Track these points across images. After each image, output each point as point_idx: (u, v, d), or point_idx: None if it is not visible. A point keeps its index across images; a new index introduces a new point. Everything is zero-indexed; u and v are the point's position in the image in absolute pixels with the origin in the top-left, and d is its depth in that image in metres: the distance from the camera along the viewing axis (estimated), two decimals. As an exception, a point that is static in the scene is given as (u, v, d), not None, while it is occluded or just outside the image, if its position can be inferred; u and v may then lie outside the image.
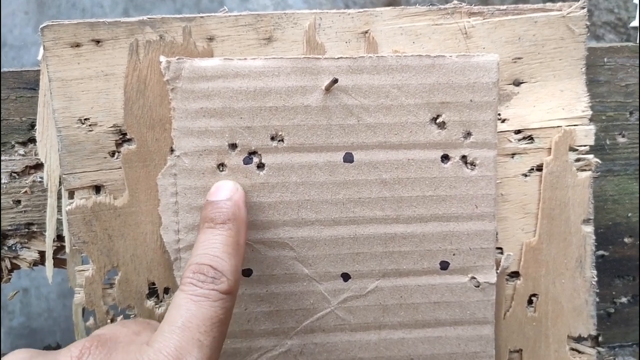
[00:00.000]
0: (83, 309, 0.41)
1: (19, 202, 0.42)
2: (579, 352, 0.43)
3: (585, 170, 0.41)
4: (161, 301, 0.41)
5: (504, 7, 0.40)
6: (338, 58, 0.38)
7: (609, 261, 0.47)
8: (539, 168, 0.41)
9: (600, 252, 0.46)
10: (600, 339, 0.44)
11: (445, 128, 0.39)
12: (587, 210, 0.42)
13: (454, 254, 0.40)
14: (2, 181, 0.42)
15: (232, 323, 0.39)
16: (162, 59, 0.38)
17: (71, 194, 0.39)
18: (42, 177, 0.42)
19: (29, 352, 0.32)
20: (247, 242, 0.39)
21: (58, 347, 0.49)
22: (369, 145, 0.39)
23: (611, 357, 0.47)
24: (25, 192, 0.42)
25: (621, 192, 0.46)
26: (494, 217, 0.40)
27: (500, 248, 0.42)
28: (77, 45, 0.38)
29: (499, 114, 0.41)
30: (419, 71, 0.39)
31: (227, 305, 0.32)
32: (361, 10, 0.40)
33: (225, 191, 0.37)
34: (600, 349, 0.43)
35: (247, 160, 0.39)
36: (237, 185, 0.38)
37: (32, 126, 0.42)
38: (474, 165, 0.40)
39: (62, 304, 0.87)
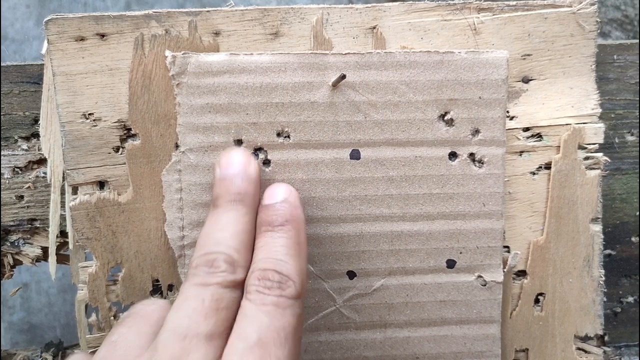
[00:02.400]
0: (86, 306, 0.40)
1: (21, 197, 0.42)
2: (586, 351, 0.43)
3: (594, 168, 0.41)
4: (165, 298, 0.40)
5: (514, 3, 0.40)
6: (345, 54, 0.38)
7: (616, 260, 0.47)
8: (548, 166, 0.41)
9: (608, 251, 0.46)
10: (606, 338, 0.43)
11: (453, 125, 0.39)
12: (596, 209, 0.41)
13: (460, 253, 0.40)
14: (5, 176, 0.42)
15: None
16: (168, 53, 0.37)
17: (75, 190, 0.39)
18: (45, 173, 0.41)
19: None
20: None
21: (60, 343, 0.48)
22: (376, 142, 0.39)
23: (617, 357, 0.47)
24: (28, 187, 0.42)
25: (629, 191, 0.46)
26: (501, 215, 0.40)
27: (508, 247, 0.41)
28: (82, 39, 0.38)
29: (508, 111, 0.40)
30: (427, 67, 0.38)
31: (297, 312, 0.30)
32: (369, 5, 0.39)
33: (280, 193, 0.35)
34: (606, 348, 0.43)
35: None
36: (290, 187, 0.36)
37: (36, 121, 0.42)
38: (482, 163, 0.39)
39: (63, 299, 0.87)
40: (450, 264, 0.40)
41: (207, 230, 0.33)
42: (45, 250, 0.42)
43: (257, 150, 0.38)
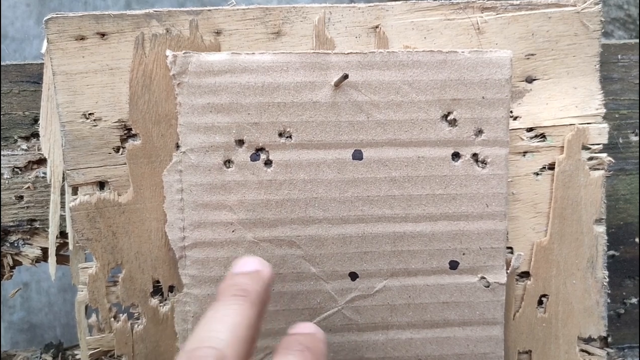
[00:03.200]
0: (86, 307, 0.40)
1: (21, 197, 0.42)
2: (589, 353, 0.42)
3: (598, 169, 0.41)
4: (165, 299, 0.40)
5: (518, 2, 0.39)
6: (348, 53, 0.37)
7: (620, 261, 0.46)
8: (551, 167, 0.41)
9: (611, 252, 0.46)
10: (609, 339, 0.43)
11: (456, 125, 0.38)
12: (600, 210, 0.41)
13: (463, 254, 0.40)
14: (5, 176, 0.42)
15: (238, 322, 0.39)
16: (169, 53, 0.37)
17: (75, 190, 0.39)
18: (45, 173, 0.41)
19: None
20: (254, 241, 0.38)
21: (60, 344, 0.48)
22: (379, 143, 0.38)
23: (620, 358, 0.47)
24: (28, 187, 0.42)
25: (633, 192, 0.45)
26: (504, 216, 0.39)
27: (511, 248, 0.41)
28: (82, 38, 0.37)
29: (511, 112, 0.40)
30: (430, 67, 0.38)
31: None
32: (372, 4, 0.39)
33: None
34: (609, 350, 0.43)
35: (255, 157, 0.38)
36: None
37: (35, 120, 0.42)
38: (485, 164, 0.39)
39: (63, 299, 0.86)
40: (453, 265, 0.40)
41: (202, 323, 0.29)
42: (45, 251, 0.42)
43: (258, 150, 0.38)
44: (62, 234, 0.41)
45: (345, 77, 0.36)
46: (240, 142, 0.38)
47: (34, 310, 0.86)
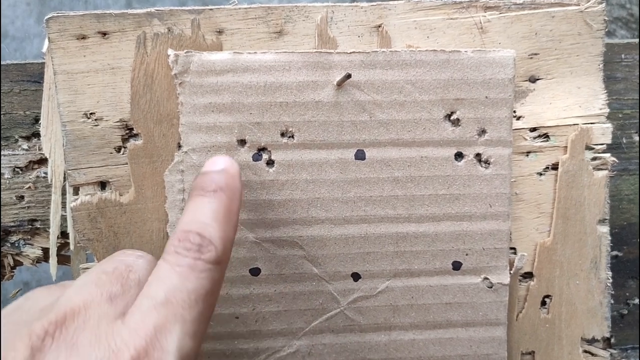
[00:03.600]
0: (87, 308, 0.40)
1: (22, 197, 0.41)
2: (592, 354, 0.42)
3: (601, 169, 0.41)
4: (167, 300, 0.40)
5: (521, 1, 0.39)
6: (350, 52, 0.37)
7: (623, 262, 0.46)
8: (555, 167, 0.41)
9: (614, 253, 0.46)
10: (612, 340, 0.43)
11: (459, 125, 0.38)
12: (603, 210, 0.41)
13: (466, 254, 0.39)
14: (5, 176, 0.41)
15: (240, 323, 0.39)
16: (170, 52, 0.37)
17: (76, 190, 0.39)
18: (46, 173, 0.41)
19: None
20: (256, 241, 0.38)
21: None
22: (382, 143, 0.38)
23: (623, 359, 0.47)
24: (29, 187, 0.41)
25: (637, 192, 0.45)
26: (508, 216, 0.39)
27: (514, 248, 0.41)
28: (83, 37, 0.37)
29: (515, 111, 0.40)
30: (433, 66, 0.38)
31: (215, 277, 0.29)
32: (374, 3, 0.39)
33: (220, 163, 0.33)
34: (612, 350, 0.42)
35: (257, 157, 0.38)
36: (232, 159, 0.34)
37: (36, 120, 0.41)
38: (489, 164, 0.39)
39: (63, 299, 0.86)
40: (456, 265, 0.39)
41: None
42: (45, 251, 0.42)
43: (260, 150, 0.38)
44: (63, 234, 0.41)
45: (348, 76, 0.36)
46: (242, 142, 0.38)
47: (34, 310, 0.86)
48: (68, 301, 0.28)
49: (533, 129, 0.40)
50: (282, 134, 0.38)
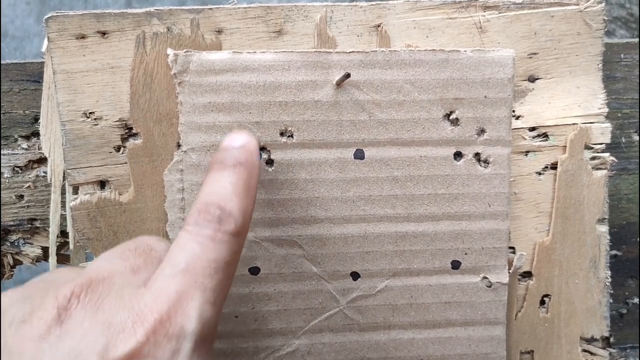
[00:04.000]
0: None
1: (21, 197, 0.41)
2: (591, 353, 0.42)
3: (600, 168, 0.41)
4: (167, 299, 0.40)
5: (520, 0, 0.39)
6: (350, 52, 0.37)
7: (622, 261, 0.46)
8: (554, 166, 0.41)
9: (613, 252, 0.46)
10: (611, 339, 0.43)
11: (458, 125, 0.38)
12: (602, 209, 0.41)
13: (465, 254, 0.39)
14: (5, 175, 0.41)
15: (239, 322, 0.39)
16: (170, 51, 0.37)
17: (75, 190, 0.39)
18: (45, 172, 0.41)
19: (13, 293, 0.28)
20: (255, 240, 0.38)
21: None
22: (381, 142, 0.38)
23: (622, 359, 0.47)
24: (29, 187, 0.41)
25: (636, 191, 0.45)
26: (507, 216, 0.39)
27: (513, 247, 0.41)
28: (83, 36, 0.37)
29: (514, 111, 0.40)
30: (432, 66, 0.38)
31: (234, 248, 0.30)
32: (373, 3, 0.39)
33: (239, 139, 0.34)
34: (611, 350, 0.42)
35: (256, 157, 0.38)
36: (251, 136, 0.34)
37: (36, 119, 0.41)
38: (488, 163, 0.39)
39: (63, 298, 0.86)
40: (455, 265, 0.39)
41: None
42: (45, 250, 0.42)
43: (260, 149, 0.38)
44: (63, 234, 0.41)
45: (347, 76, 0.36)
46: (242, 142, 0.38)
47: (34, 309, 0.86)
48: (94, 270, 0.29)
49: (532, 129, 0.40)
50: (282, 134, 0.38)
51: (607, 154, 0.40)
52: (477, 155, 0.39)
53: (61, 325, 0.26)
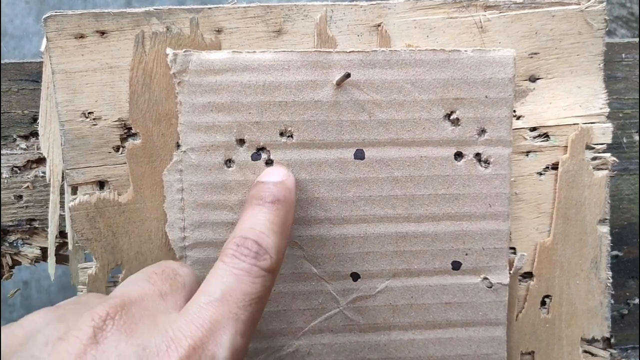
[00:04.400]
0: (86, 307, 0.40)
1: (20, 197, 0.41)
2: (592, 354, 0.42)
3: (601, 169, 0.40)
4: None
5: (521, 0, 0.39)
6: (350, 52, 0.37)
7: (623, 262, 0.46)
8: (555, 166, 0.40)
9: (614, 253, 0.45)
10: (612, 340, 0.43)
11: (459, 125, 0.38)
12: (604, 210, 0.41)
13: (466, 254, 0.39)
14: (3, 176, 0.41)
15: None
16: (169, 51, 0.37)
17: (74, 190, 0.38)
18: (44, 172, 0.41)
19: (45, 314, 0.29)
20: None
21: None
22: (381, 142, 0.38)
23: (623, 359, 0.47)
24: (27, 187, 0.41)
25: (637, 192, 0.45)
26: (507, 216, 0.39)
27: (514, 248, 0.41)
28: (81, 36, 0.37)
29: (514, 111, 0.40)
30: (433, 66, 0.37)
31: (267, 284, 0.31)
32: (374, 2, 0.39)
33: (278, 174, 0.35)
34: (612, 351, 0.42)
35: (256, 157, 0.38)
36: (289, 171, 0.36)
37: (35, 119, 0.41)
38: (488, 163, 0.39)
39: (63, 297, 0.86)
40: (456, 265, 0.39)
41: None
42: (44, 250, 0.42)
43: (259, 149, 0.38)
44: (62, 234, 0.41)
45: (347, 76, 0.36)
46: (241, 142, 0.37)
47: (34, 308, 0.86)
48: (125, 292, 0.30)
49: (533, 129, 0.40)
50: (281, 134, 0.37)
51: (608, 154, 0.40)
52: (477, 155, 0.39)
53: (97, 346, 0.26)
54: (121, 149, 0.38)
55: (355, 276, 0.39)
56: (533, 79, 0.40)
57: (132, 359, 0.26)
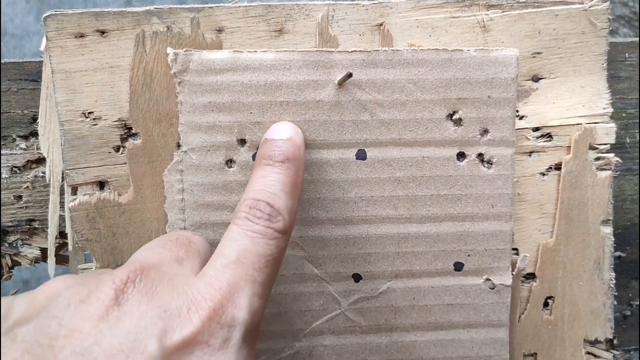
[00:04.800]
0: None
1: (20, 197, 0.41)
2: (595, 355, 0.42)
3: (605, 169, 0.40)
4: (166, 301, 0.39)
5: (524, -1, 0.39)
6: (352, 51, 0.37)
7: (626, 262, 0.46)
8: (558, 167, 0.40)
9: (617, 253, 0.45)
10: (615, 342, 0.43)
11: (461, 125, 0.38)
12: (607, 210, 0.40)
13: (468, 255, 0.39)
14: (3, 176, 0.41)
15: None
16: (170, 50, 0.36)
17: (74, 190, 0.38)
18: (44, 172, 0.41)
19: (67, 279, 0.29)
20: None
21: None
22: (383, 142, 0.38)
23: (626, 361, 0.46)
24: (27, 187, 0.41)
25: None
26: (510, 217, 0.39)
27: (516, 249, 0.41)
28: (81, 35, 0.37)
29: (517, 111, 0.39)
30: (435, 66, 0.37)
31: (281, 245, 0.31)
32: (376, 1, 0.38)
33: (286, 131, 0.35)
34: (615, 352, 0.42)
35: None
36: (296, 127, 0.36)
37: (34, 119, 0.41)
38: (491, 164, 0.38)
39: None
40: (458, 266, 0.39)
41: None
42: (44, 251, 0.42)
43: (260, 150, 0.37)
44: (62, 234, 0.41)
45: (349, 75, 0.36)
46: (242, 142, 0.37)
47: (34, 308, 0.86)
48: (142, 257, 0.30)
49: (536, 129, 0.40)
50: (283, 134, 0.37)
51: (611, 155, 0.40)
52: (480, 155, 0.38)
53: (119, 307, 0.27)
54: (121, 149, 0.38)
55: (356, 277, 0.39)
56: (536, 79, 0.40)
57: (155, 319, 0.26)
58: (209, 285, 0.28)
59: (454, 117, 0.38)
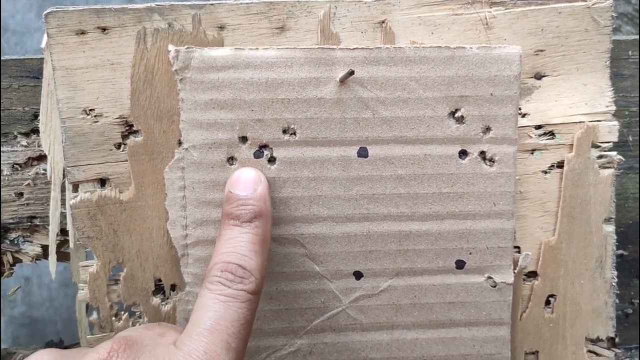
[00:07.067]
0: (87, 305, 0.40)
1: (21, 194, 0.41)
2: (597, 354, 0.42)
3: (607, 167, 0.40)
4: (167, 298, 0.40)
5: (527, -3, 0.39)
6: (353, 49, 0.37)
7: (628, 261, 0.46)
8: (560, 165, 0.40)
9: (619, 252, 0.45)
10: (616, 340, 0.43)
11: (463, 122, 0.38)
12: (609, 209, 0.40)
13: (470, 253, 0.39)
14: (4, 173, 0.41)
15: (241, 322, 0.38)
16: (171, 48, 0.36)
17: (75, 187, 0.38)
18: (45, 169, 0.41)
19: (52, 353, 0.31)
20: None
21: (60, 342, 0.47)
22: (385, 140, 0.38)
23: (628, 359, 0.46)
24: (28, 184, 0.41)
25: (642, 190, 0.45)
26: (512, 215, 0.39)
27: (518, 247, 0.41)
28: (83, 32, 0.37)
29: (520, 109, 0.39)
30: (437, 63, 0.37)
31: (253, 307, 0.32)
32: (378, -2, 0.38)
33: (249, 183, 0.35)
34: (617, 350, 0.42)
35: (258, 154, 0.37)
36: (259, 174, 0.36)
37: (35, 116, 0.41)
38: (493, 162, 0.38)
39: (64, 293, 0.86)
40: (460, 264, 0.39)
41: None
42: (45, 248, 0.42)
43: (262, 147, 0.37)
44: (63, 232, 0.41)
45: (351, 73, 0.36)
46: (244, 139, 0.37)
47: (35, 304, 0.86)
48: (126, 334, 0.33)
49: (538, 127, 0.40)
50: (284, 131, 0.37)
51: (614, 153, 0.40)
52: (482, 153, 0.38)
53: None
54: (122, 146, 0.38)
55: (358, 275, 0.39)
56: (539, 77, 0.40)
57: None
58: (187, 355, 0.29)
59: (456, 115, 0.38)
